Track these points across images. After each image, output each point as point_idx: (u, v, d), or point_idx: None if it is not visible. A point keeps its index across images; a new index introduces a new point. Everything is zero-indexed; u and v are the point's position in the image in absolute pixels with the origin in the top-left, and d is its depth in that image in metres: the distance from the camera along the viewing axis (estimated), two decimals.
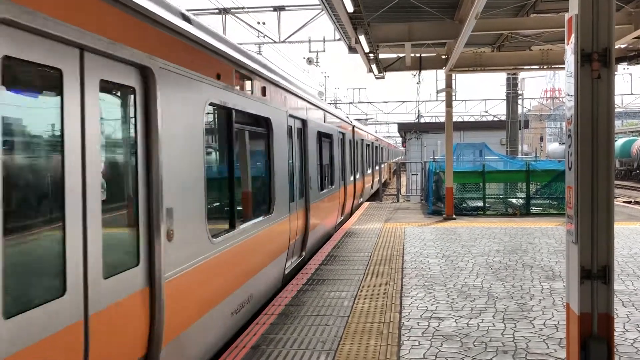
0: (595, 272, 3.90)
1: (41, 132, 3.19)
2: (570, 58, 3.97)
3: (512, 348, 5.62)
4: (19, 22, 2.78)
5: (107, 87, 3.67)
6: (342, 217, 15.44)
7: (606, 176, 3.90)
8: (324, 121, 12.45)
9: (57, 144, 3.17)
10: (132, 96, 3.99)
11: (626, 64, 16.35)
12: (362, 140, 20.99)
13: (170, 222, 4.33)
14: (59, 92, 3.18)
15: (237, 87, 6.25)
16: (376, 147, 28.38)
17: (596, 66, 3.83)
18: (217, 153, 6.15)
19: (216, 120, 5.92)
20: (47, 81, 3.18)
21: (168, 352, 4.32)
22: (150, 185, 4.13)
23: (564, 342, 5.65)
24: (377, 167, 27.74)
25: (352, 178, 17.31)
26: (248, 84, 6.73)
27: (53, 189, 3.16)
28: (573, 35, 3.90)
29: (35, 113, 3.15)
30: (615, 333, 4.13)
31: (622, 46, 15.13)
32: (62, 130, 3.17)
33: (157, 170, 4.15)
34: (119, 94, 3.92)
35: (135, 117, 4.02)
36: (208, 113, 5.41)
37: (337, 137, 14.35)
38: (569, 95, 4.05)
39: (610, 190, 3.91)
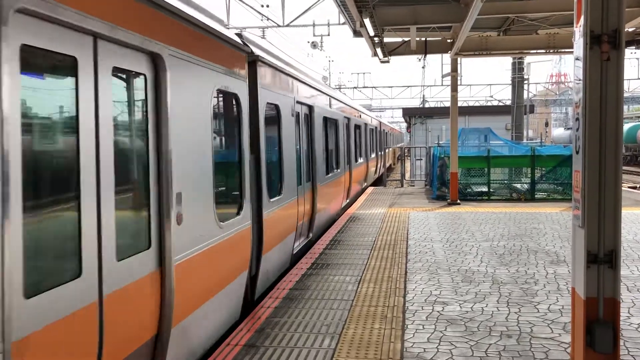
0: (602, 257, 3.87)
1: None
2: (579, 40, 3.91)
3: (517, 332, 5.63)
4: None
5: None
6: (348, 201, 15.47)
7: (614, 160, 3.85)
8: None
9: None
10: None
11: (634, 47, 16.17)
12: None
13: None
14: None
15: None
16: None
17: (605, 48, 3.76)
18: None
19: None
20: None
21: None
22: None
23: (569, 327, 5.64)
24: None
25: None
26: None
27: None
28: (582, 16, 3.83)
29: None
30: (620, 318, 4.12)
31: (630, 29, 14.93)
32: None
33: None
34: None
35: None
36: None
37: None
38: (577, 77, 3.99)
39: (618, 174, 3.86)
